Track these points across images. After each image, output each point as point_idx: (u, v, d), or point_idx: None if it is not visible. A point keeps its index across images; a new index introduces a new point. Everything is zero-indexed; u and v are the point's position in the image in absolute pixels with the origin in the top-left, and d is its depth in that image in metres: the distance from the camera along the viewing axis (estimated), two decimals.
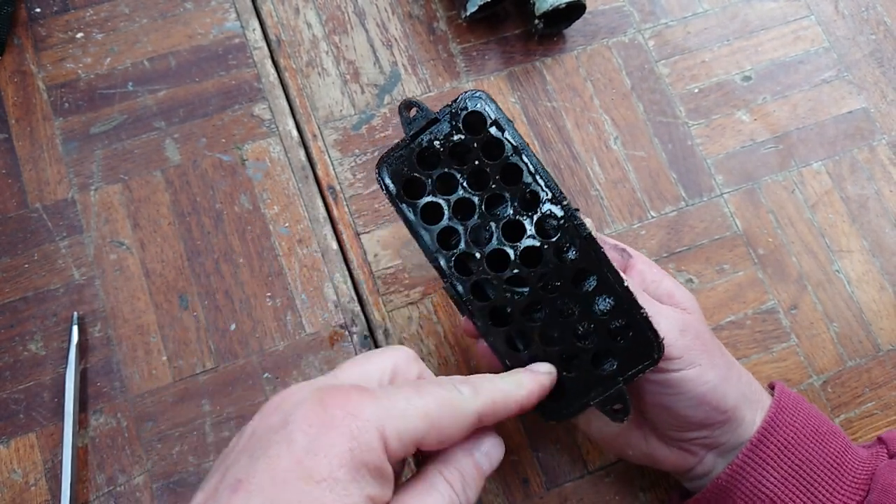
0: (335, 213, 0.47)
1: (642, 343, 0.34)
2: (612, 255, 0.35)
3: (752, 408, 0.37)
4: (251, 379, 0.43)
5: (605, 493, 0.43)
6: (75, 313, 0.43)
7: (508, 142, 0.34)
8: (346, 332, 0.45)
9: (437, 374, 0.44)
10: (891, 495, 0.34)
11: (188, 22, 0.50)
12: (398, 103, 0.33)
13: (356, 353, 0.44)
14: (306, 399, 0.26)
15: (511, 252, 0.34)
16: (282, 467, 0.24)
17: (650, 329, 0.34)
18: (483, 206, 0.34)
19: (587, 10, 0.51)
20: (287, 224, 0.47)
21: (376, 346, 0.45)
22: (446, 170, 0.34)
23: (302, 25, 0.51)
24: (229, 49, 0.50)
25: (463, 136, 0.34)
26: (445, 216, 0.34)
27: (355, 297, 0.46)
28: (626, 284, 0.34)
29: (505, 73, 0.51)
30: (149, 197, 0.46)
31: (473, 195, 0.34)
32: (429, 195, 0.34)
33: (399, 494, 0.27)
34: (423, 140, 0.34)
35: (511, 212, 0.34)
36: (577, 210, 0.34)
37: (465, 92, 0.34)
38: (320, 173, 0.48)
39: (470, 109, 0.34)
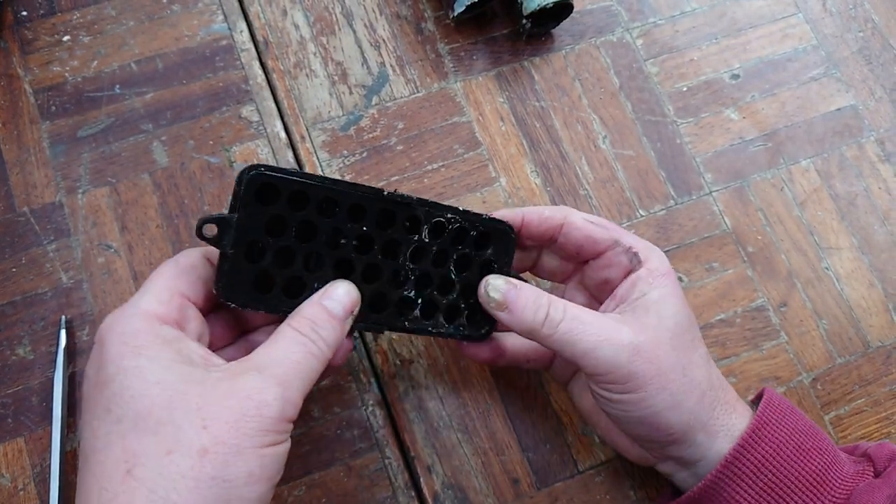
0: None
1: (502, 235, 0.39)
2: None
3: (708, 432, 0.36)
4: None
5: (595, 492, 0.43)
6: (63, 317, 0.43)
7: (309, 184, 0.34)
8: None
9: (426, 376, 0.45)
10: None
11: (175, 24, 0.50)
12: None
13: None
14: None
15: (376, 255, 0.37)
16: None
17: (498, 222, 0.39)
18: (326, 245, 0.35)
19: (575, 10, 0.51)
20: None
21: (366, 348, 0.45)
22: (278, 245, 0.34)
23: (289, 27, 0.51)
24: (216, 51, 0.50)
25: (270, 214, 0.33)
26: (311, 284, 0.35)
27: None
28: (460, 208, 0.38)
29: (493, 73, 0.51)
30: (136, 200, 0.46)
31: (311, 244, 0.35)
32: (281, 272, 0.34)
33: (256, 350, 0.31)
34: (238, 243, 0.32)
35: (352, 231, 0.35)
36: (394, 191, 0.36)
37: (242, 173, 0.32)
38: None
39: (260, 184, 0.32)
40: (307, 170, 0.48)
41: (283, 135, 0.49)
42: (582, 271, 0.41)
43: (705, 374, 0.37)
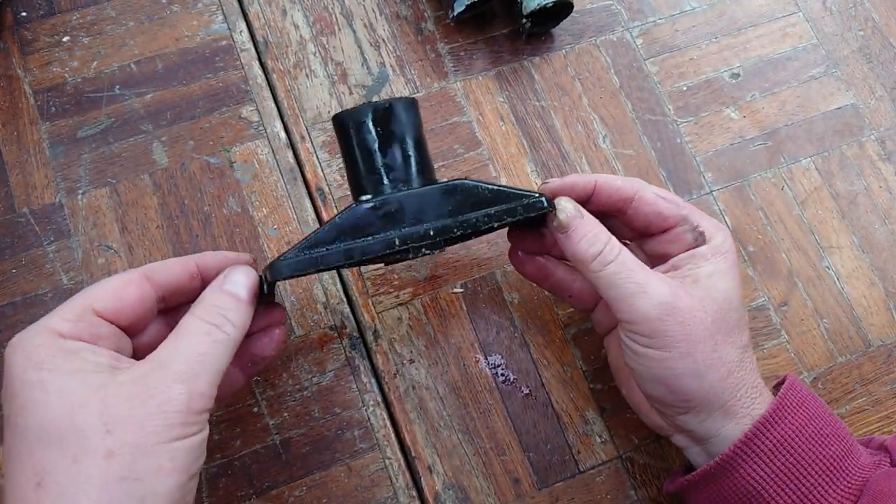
0: (324, 214, 0.47)
1: (535, 206, 0.37)
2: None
3: (726, 410, 0.36)
4: None
5: (596, 492, 0.43)
6: None
7: (325, 267, 0.34)
8: (336, 334, 0.45)
9: (427, 376, 0.45)
10: (879, 501, 0.34)
11: (175, 24, 0.50)
12: None
13: (345, 356, 0.44)
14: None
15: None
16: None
17: (532, 207, 0.36)
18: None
19: (575, 9, 0.51)
20: (276, 226, 0.46)
21: (366, 348, 0.45)
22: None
23: (289, 27, 0.51)
24: (216, 51, 0.50)
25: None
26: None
27: (345, 299, 0.46)
28: (492, 218, 0.36)
29: (493, 73, 0.51)
30: (137, 200, 0.46)
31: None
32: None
33: (161, 345, 0.31)
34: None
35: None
36: (405, 242, 0.34)
37: (263, 277, 0.34)
38: (309, 175, 0.48)
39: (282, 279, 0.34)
40: (307, 170, 0.48)
41: (282, 135, 0.49)
42: (643, 240, 0.41)
43: (738, 356, 0.37)
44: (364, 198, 0.35)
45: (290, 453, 0.42)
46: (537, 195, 0.37)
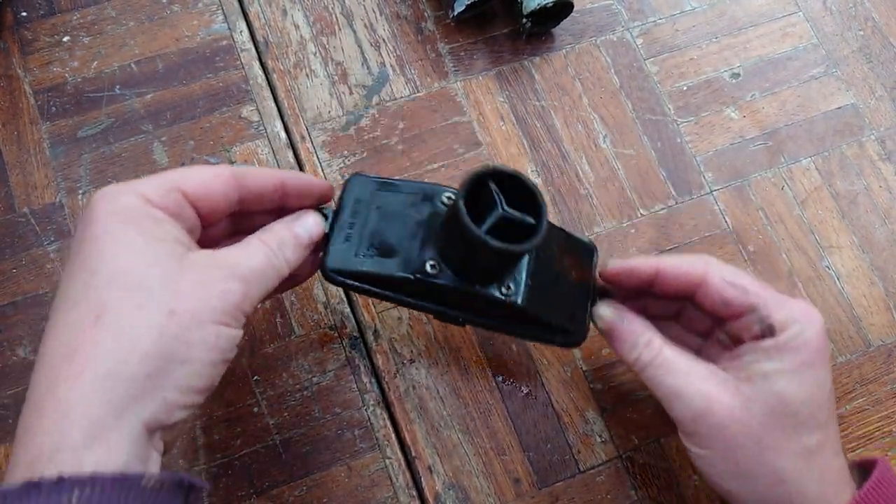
0: None
1: (568, 343, 0.39)
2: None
3: None
4: (241, 381, 0.43)
5: (596, 492, 0.43)
6: None
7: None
8: (336, 334, 0.45)
9: (427, 376, 0.45)
10: None
11: (175, 24, 0.50)
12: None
13: (346, 355, 0.44)
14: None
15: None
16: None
17: (565, 341, 0.39)
18: None
19: (575, 9, 0.51)
20: None
21: (366, 348, 0.45)
22: None
23: (289, 27, 0.51)
24: (217, 51, 0.50)
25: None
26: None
27: (345, 299, 0.46)
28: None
29: (493, 73, 0.51)
30: None
31: None
32: None
33: (226, 249, 0.33)
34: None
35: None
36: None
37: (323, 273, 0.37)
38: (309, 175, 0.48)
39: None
40: (307, 170, 0.48)
41: (283, 135, 0.49)
42: (720, 321, 0.39)
43: (796, 464, 0.34)
44: (429, 266, 0.35)
45: (290, 453, 0.42)
46: (574, 332, 0.38)
